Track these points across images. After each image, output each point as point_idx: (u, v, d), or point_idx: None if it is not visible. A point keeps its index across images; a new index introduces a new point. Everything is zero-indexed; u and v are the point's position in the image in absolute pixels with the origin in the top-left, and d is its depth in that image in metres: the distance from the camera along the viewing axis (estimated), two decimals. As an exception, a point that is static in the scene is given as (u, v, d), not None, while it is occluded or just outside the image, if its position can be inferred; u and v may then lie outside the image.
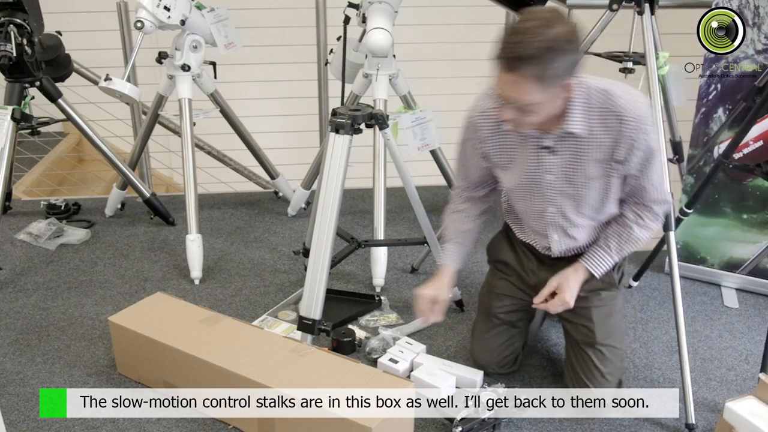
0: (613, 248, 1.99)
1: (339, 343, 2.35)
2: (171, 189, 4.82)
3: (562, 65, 1.63)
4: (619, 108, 1.77)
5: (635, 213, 1.97)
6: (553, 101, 1.71)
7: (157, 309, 2.27)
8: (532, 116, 1.73)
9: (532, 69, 1.61)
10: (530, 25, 1.61)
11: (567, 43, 1.62)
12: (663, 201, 1.96)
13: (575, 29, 1.65)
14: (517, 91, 1.66)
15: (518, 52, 1.60)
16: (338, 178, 2.23)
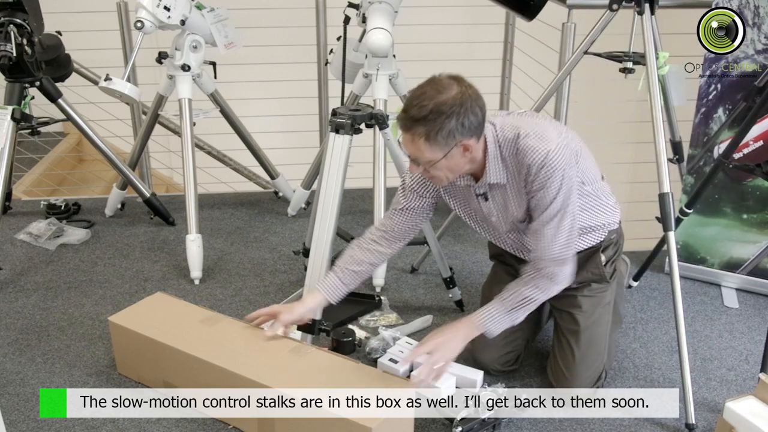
0: (508, 303, 1.94)
1: (339, 343, 2.35)
2: (171, 189, 4.82)
3: (450, 127, 1.76)
4: (523, 154, 1.86)
5: (531, 272, 1.94)
6: (453, 160, 1.84)
7: (157, 309, 2.26)
8: (437, 172, 1.87)
9: (421, 129, 1.77)
10: (424, 90, 1.78)
11: (456, 107, 1.75)
12: (556, 260, 1.91)
13: (465, 94, 1.77)
14: (411, 148, 1.83)
15: (410, 113, 1.77)
16: (338, 178, 2.23)
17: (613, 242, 2.16)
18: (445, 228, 2.94)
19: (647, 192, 2.70)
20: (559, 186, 1.85)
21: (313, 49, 3.50)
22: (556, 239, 1.90)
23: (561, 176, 1.84)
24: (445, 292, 2.67)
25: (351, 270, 2.10)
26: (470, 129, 1.79)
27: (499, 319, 1.95)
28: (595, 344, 2.13)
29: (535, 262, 1.95)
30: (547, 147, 1.83)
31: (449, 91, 1.76)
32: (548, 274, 1.93)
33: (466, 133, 1.79)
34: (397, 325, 2.52)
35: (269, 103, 3.83)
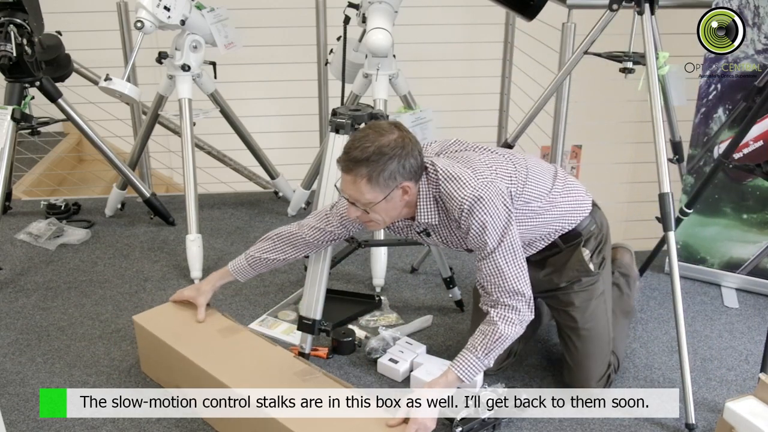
0: (480, 349, 1.90)
1: (339, 343, 2.36)
2: (171, 189, 4.82)
3: (392, 168, 1.82)
4: (444, 198, 1.91)
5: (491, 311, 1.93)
6: (392, 202, 1.88)
7: (181, 312, 2.25)
8: (375, 215, 1.90)
9: (363, 170, 1.81)
10: (365, 133, 1.84)
11: (397, 149, 1.81)
12: (510, 291, 1.91)
13: (405, 138, 1.84)
14: (351, 189, 1.87)
15: (352, 155, 1.82)
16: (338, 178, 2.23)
17: (593, 234, 2.14)
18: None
19: (647, 192, 2.70)
20: (484, 225, 1.86)
21: (313, 49, 3.50)
22: (504, 273, 1.90)
23: (484, 216, 1.86)
24: (445, 292, 2.67)
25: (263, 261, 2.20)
26: (410, 172, 1.85)
27: (475, 367, 1.91)
28: (598, 337, 2.14)
29: (491, 298, 1.93)
30: (462, 193, 1.86)
31: (390, 135, 1.82)
32: (509, 307, 1.91)
33: (407, 175, 1.85)
34: (397, 325, 2.52)
35: (269, 103, 3.83)
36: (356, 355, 2.36)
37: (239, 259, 2.23)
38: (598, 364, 2.15)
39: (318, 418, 1.84)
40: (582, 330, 2.13)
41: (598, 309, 2.15)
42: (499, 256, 1.90)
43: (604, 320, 2.16)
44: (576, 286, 2.13)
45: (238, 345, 2.11)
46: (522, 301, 1.92)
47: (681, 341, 2.09)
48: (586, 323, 2.13)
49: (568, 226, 2.11)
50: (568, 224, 2.11)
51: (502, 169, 1.97)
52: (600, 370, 2.15)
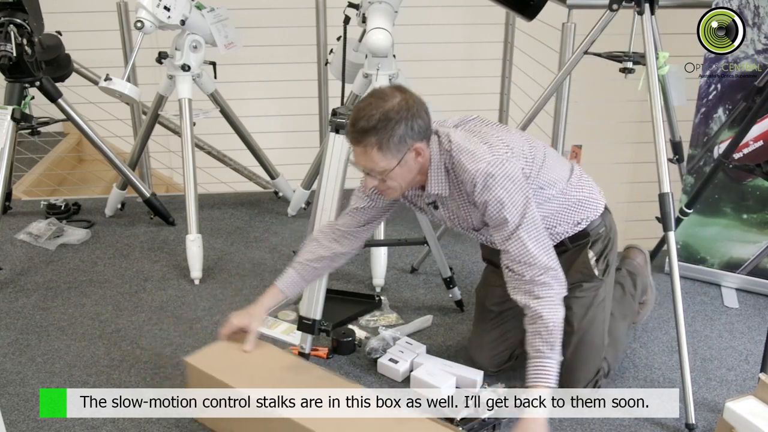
0: (545, 349, 1.81)
1: (339, 343, 2.36)
2: (171, 189, 4.82)
3: (401, 132, 1.79)
4: (457, 171, 1.88)
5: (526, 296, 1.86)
6: (406, 166, 1.86)
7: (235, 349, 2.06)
8: (392, 182, 1.87)
9: (372, 139, 1.79)
10: (368, 102, 1.81)
11: (403, 111, 1.79)
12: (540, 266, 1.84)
13: (409, 100, 1.82)
14: (364, 160, 1.84)
15: (358, 126, 1.79)
16: (338, 178, 2.23)
17: (601, 237, 2.11)
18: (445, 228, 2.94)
19: (647, 192, 2.70)
20: (501, 201, 1.83)
21: (313, 49, 3.50)
22: (531, 251, 1.84)
23: (500, 192, 1.82)
24: (445, 292, 2.67)
25: (311, 266, 2.09)
26: (420, 132, 1.83)
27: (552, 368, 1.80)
28: (590, 344, 2.11)
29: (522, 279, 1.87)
30: (476, 167, 1.83)
31: (393, 99, 1.80)
32: (541, 283, 1.85)
33: (417, 136, 1.82)
34: (397, 325, 2.52)
35: (269, 103, 3.83)
36: (356, 355, 2.36)
37: (286, 272, 2.10)
38: (586, 370, 2.12)
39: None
40: (575, 336, 2.10)
41: (596, 318, 2.11)
42: (523, 233, 1.84)
43: (600, 329, 2.13)
44: (577, 291, 2.09)
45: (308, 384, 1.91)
46: (554, 276, 1.85)
47: (681, 341, 2.09)
48: (580, 330, 2.10)
49: (579, 222, 2.07)
50: (580, 220, 2.07)
51: (518, 149, 1.93)
52: (587, 376, 2.12)
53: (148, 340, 2.43)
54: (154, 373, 2.26)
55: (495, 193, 1.83)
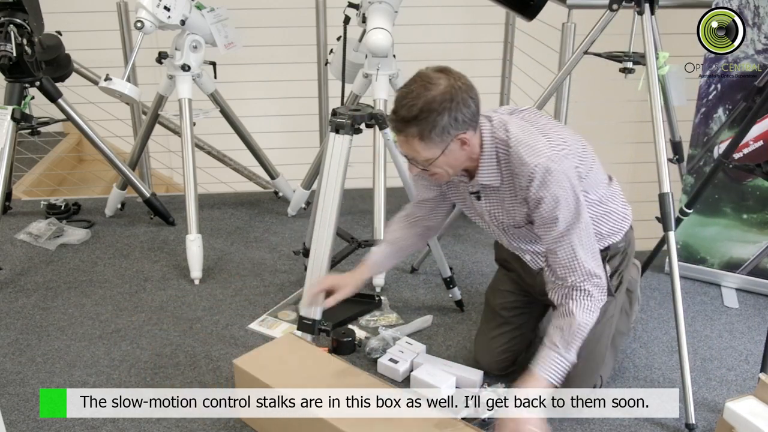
0: (561, 345, 1.80)
1: (339, 343, 2.35)
2: (171, 189, 4.82)
3: (443, 123, 1.71)
4: (514, 163, 1.82)
5: (563, 297, 1.85)
6: (452, 155, 1.78)
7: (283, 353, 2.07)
8: (436, 169, 1.81)
9: (413, 129, 1.72)
10: (411, 89, 1.72)
11: (446, 102, 1.69)
12: (585, 273, 1.82)
13: (455, 87, 1.71)
14: (408, 149, 1.78)
15: (400, 114, 1.72)
16: (338, 178, 2.23)
17: (620, 251, 2.09)
18: (446, 228, 2.94)
19: (647, 192, 2.70)
20: (557, 199, 1.77)
21: (313, 49, 3.50)
22: (575, 249, 1.81)
23: (557, 190, 1.77)
24: (445, 292, 2.67)
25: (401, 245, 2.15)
26: (464, 122, 1.74)
27: (560, 365, 1.81)
28: (593, 359, 2.08)
29: (562, 283, 1.84)
30: (536, 161, 1.77)
31: (437, 87, 1.70)
32: (582, 290, 1.82)
33: (461, 126, 1.74)
34: (397, 325, 2.52)
35: (269, 103, 3.83)
36: (356, 355, 2.36)
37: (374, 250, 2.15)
38: (585, 382, 2.08)
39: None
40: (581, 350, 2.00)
41: (603, 334, 2.07)
42: (574, 236, 1.79)
43: (604, 345, 2.11)
44: None
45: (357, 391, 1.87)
46: (598, 284, 1.82)
47: (681, 341, 2.09)
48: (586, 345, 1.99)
49: (609, 234, 2.04)
50: (610, 232, 2.04)
51: (573, 146, 1.87)
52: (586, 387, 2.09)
53: (148, 340, 2.43)
54: (154, 373, 2.26)
55: (552, 191, 1.76)
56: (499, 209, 1.95)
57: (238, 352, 2.28)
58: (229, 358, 2.31)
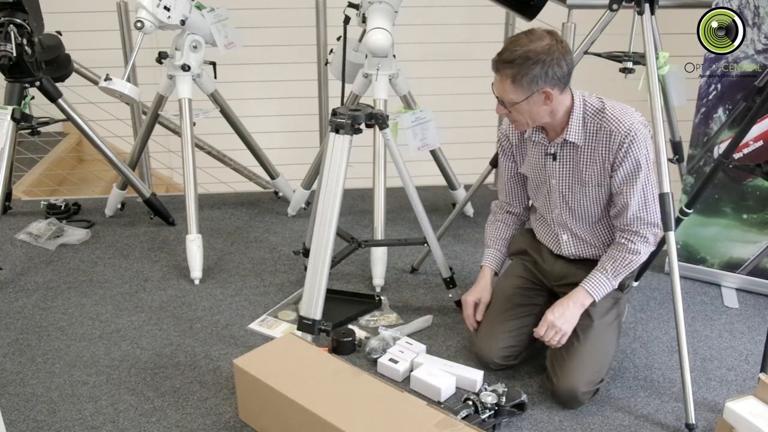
0: (609, 270, 2.12)
1: (339, 343, 2.35)
2: (171, 189, 4.82)
3: (535, 73, 1.95)
4: (609, 122, 2.05)
5: (625, 237, 2.12)
6: (535, 105, 2.02)
7: (284, 353, 2.06)
8: (518, 115, 2.05)
9: (509, 71, 1.98)
10: (518, 38, 1.99)
11: (543, 55, 1.94)
12: (649, 223, 2.11)
13: (555, 46, 1.96)
14: (499, 88, 2.04)
15: (502, 56, 1.99)
16: (338, 178, 2.23)
17: None
18: (445, 228, 2.94)
19: (647, 192, 2.70)
20: (643, 155, 2.03)
21: (313, 49, 3.50)
22: (647, 202, 2.08)
23: (645, 147, 2.03)
24: (445, 292, 2.67)
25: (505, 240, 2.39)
26: (554, 79, 1.97)
27: (605, 286, 2.12)
28: (603, 343, 2.13)
29: (629, 228, 2.10)
30: (631, 119, 2.02)
31: (540, 42, 1.94)
32: (644, 237, 2.10)
33: (550, 81, 1.97)
34: (397, 325, 2.52)
35: (269, 103, 3.83)
36: (356, 355, 2.36)
37: (492, 254, 2.37)
38: (595, 368, 2.10)
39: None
40: (593, 330, 2.11)
41: (614, 322, 2.19)
42: (648, 191, 2.07)
43: (614, 333, 2.18)
44: None
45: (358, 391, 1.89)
46: (657, 234, 2.12)
47: (681, 341, 2.09)
48: (599, 326, 2.13)
49: None
50: None
51: None
52: (594, 376, 2.09)
53: (148, 340, 2.43)
54: (154, 373, 2.26)
55: (641, 147, 2.02)
56: (573, 170, 2.15)
57: (238, 352, 2.28)
58: (229, 358, 2.31)
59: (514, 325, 2.24)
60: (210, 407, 2.10)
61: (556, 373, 2.12)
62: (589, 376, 2.08)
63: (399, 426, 1.79)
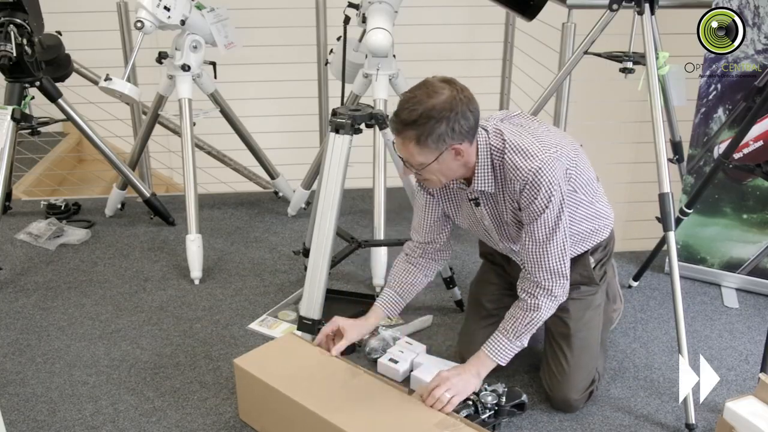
0: (510, 331, 1.95)
1: (339, 343, 2.35)
2: (171, 189, 4.82)
3: (441, 131, 1.77)
4: (507, 169, 1.88)
5: (526, 290, 1.96)
6: (444, 163, 1.84)
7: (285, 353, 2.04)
8: (429, 175, 1.88)
9: (411, 132, 1.78)
10: (415, 94, 1.78)
11: (446, 111, 1.75)
12: (553, 272, 1.92)
13: (456, 98, 1.77)
14: (403, 151, 1.84)
15: (400, 117, 1.79)
16: (338, 178, 2.23)
17: (602, 245, 2.16)
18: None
19: (647, 192, 2.70)
20: (546, 202, 1.86)
21: (313, 49, 3.50)
22: (549, 253, 1.91)
23: (547, 193, 1.85)
24: (445, 292, 2.67)
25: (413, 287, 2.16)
26: (461, 133, 1.80)
27: (507, 349, 1.96)
28: (588, 348, 2.12)
29: (530, 277, 1.95)
30: (529, 165, 1.84)
31: (440, 96, 1.76)
32: (546, 289, 1.94)
33: (457, 137, 1.80)
34: (397, 325, 2.52)
35: (269, 103, 3.83)
36: (356, 355, 2.36)
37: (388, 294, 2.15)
38: (584, 375, 2.10)
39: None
40: (574, 338, 2.10)
41: (593, 321, 2.14)
42: (552, 237, 1.89)
43: (596, 333, 2.15)
44: (575, 292, 2.09)
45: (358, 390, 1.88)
46: (560, 284, 1.94)
47: (681, 341, 2.09)
48: (578, 331, 2.10)
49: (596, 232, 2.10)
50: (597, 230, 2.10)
51: (565, 149, 1.94)
52: (585, 382, 2.11)
53: (148, 340, 2.43)
54: (154, 373, 2.26)
55: (543, 192, 1.84)
56: (497, 213, 2.02)
57: (238, 352, 2.28)
58: (229, 358, 2.31)
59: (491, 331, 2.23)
60: (210, 407, 2.10)
61: (549, 385, 2.14)
62: (579, 384, 2.10)
63: (399, 425, 1.79)
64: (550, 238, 1.90)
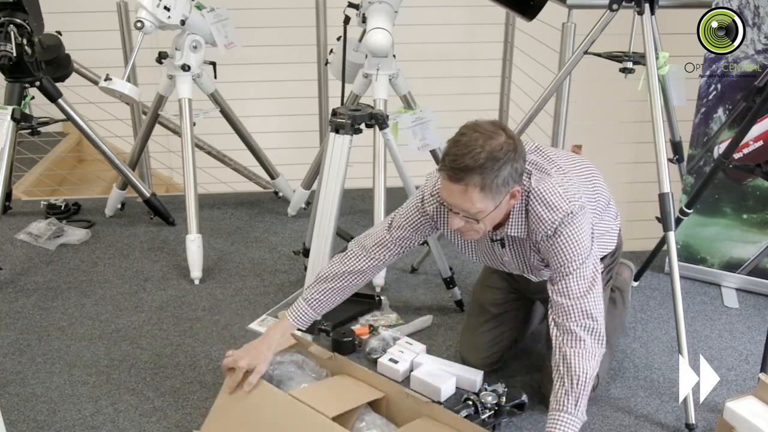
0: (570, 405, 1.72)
1: (339, 343, 2.35)
2: (171, 189, 4.82)
3: (504, 174, 1.68)
4: (535, 220, 1.81)
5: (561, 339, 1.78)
6: (501, 209, 1.77)
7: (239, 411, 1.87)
8: (481, 225, 1.77)
9: (477, 179, 1.66)
10: (473, 137, 1.68)
11: (510, 153, 1.68)
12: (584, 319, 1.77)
13: (514, 138, 1.71)
14: (464, 200, 1.71)
15: (463, 163, 1.66)
16: (338, 178, 2.24)
17: (610, 252, 2.18)
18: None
19: (647, 192, 2.70)
20: (572, 253, 1.78)
21: (313, 49, 3.50)
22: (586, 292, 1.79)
23: (573, 244, 1.78)
24: (445, 292, 2.67)
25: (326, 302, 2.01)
26: (520, 175, 1.74)
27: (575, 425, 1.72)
28: None
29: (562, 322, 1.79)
30: (553, 218, 1.78)
31: (499, 136, 1.68)
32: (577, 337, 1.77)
33: (517, 179, 1.73)
34: (397, 325, 2.52)
35: (269, 103, 3.83)
36: (356, 355, 2.36)
37: (297, 305, 2.00)
38: None
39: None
40: None
41: None
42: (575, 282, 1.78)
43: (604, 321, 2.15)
44: None
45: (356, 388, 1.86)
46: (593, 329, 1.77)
47: (681, 341, 2.09)
48: None
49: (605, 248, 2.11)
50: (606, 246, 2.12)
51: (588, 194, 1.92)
52: None
53: (148, 340, 2.43)
54: (154, 373, 2.26)
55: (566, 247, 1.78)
56: (522, 255, 1.96)
57: (238, 352, 2.28)
58: (229, 358, 2.30)
59: (495, 333, 2.24)
60: (210, 407, 2.10)
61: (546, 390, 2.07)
62: None
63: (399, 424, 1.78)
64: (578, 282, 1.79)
